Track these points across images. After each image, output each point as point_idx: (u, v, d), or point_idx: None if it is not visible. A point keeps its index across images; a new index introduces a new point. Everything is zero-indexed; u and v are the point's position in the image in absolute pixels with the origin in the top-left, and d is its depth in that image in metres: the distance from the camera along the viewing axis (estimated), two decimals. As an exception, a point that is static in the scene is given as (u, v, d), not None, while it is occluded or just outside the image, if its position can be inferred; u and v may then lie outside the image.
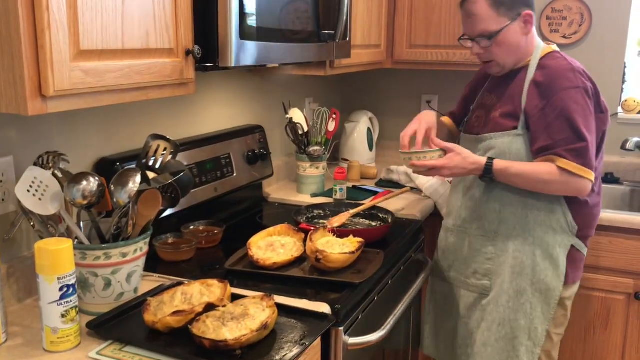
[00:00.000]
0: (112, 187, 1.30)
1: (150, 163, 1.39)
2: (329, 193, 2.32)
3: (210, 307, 1.28)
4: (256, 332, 1.19)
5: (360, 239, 1.68)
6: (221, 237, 1.82)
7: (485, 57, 1.78)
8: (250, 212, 2.18)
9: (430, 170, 1.73)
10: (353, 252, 1.60)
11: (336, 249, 1.62)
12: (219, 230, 1.81)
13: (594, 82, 1.74)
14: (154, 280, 1.51)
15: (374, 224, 1.97)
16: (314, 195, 2.33)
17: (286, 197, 2.33)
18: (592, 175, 1.67)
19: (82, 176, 1.28)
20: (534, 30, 1.78)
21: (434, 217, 2.24)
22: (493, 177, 1.71)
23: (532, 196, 1.74)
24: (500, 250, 1.81)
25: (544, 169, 1.67)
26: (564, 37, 2.71)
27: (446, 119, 2.11)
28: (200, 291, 1.33)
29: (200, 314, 1.25)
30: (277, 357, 1.17)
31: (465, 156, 1.71)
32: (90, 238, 1.34)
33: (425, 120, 1.88)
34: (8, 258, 1.37)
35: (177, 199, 1.41)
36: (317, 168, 2.35)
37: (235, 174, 2.06)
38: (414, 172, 1.79)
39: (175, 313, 1.23)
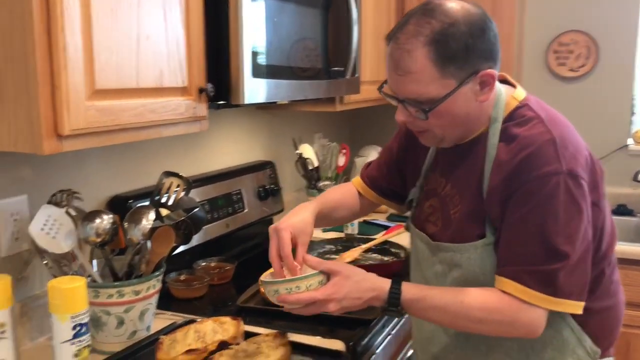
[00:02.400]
0: (126, 225, 1.31)
1: (163, 200, 1.39)
2: (340, 228, 2.31)
3: (223, 345, 1.26)
4: (270, 370, 1.17)
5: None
6: (233, 273, 1.81)
7: (414, 126, 1.19)
8: (262, 248, 2.16)
9: (308, 307, 1.12)
10: (366, 288, 1.58)
11: (349, 284, 1.60)
12: (230, 266, 1.81)
13: (588, 152, 1.16)
14: (167, 318, 1.50)
15: (386, 259, 1.95)
16: (325, 230, 2.32)
17: (297, 233, 2.32)
18: (569, 306, 1.11)
19: (95, 214, 1.29)
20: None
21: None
22: (402, 310, 1.14)
23: None
24: None
25: (477, 301, 1.11)
26: (571, 70, 2.73)
27: (359, 185, 1.51)
28: (213, 329, 1.31)
29: (213, 352, 1.24)
30: (292, 396, 1.15)
31: (357, 280, 1.12)
32: (103, 276, 1.34)
33: (288, 226, 1.20)
34: (21, 297, 1.36)
35: (190, 236, 1.41)
36: (327, 203, 2.34)
37: (246, 210, 2.06)
38: (285, 309, 1.15)
39: (188, 352, 1.22)
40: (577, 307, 1.11)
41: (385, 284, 1.14)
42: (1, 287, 1.17)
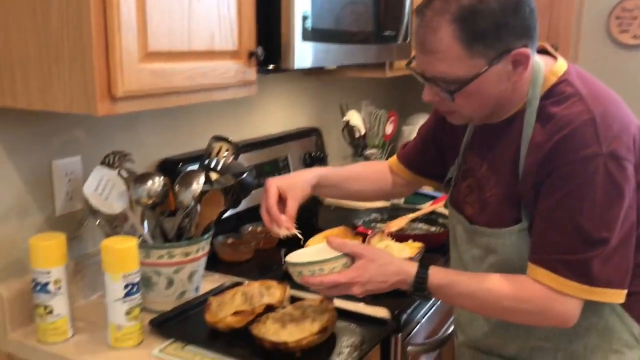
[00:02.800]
0: (177, 188, 1.32)
1: (212, 164, 1.40)
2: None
3: (270, 308, 1.27)
4: (316, 335, 1.18)
5: (419, 244, 1.64)
6: (278, 238, 1.81)
7: (442, 106, 1.14)
8: (306, 215, 2.17)
9: (331, 289, 1.12)
10: (412, 258, 1.57)
11: (395, 253, 1.59)
12: (276, 232, 1.81)
13: (638, 129, 1.08)
14: (214, 280, 1.52)
15: (433, 229, 1.93)
16: (371, 198, 2.31)
17: (342, 201, 2.31)
18: (609, 295, 1.05)
19: (147, 176, 1.31)
20: (533, 59, 1.08)
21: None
22: (429, 294, 1.12)
23: None
24: None
25: (507, 289, 1.08)
26: (634, 37, 2.61)
27: (395, 165, 1.47)
28: (260, 292, 1.33)
29: (260, 314, 1.25)
30: (337, 361, 1.16)
31: (382, 263, 1.11)
32: (153, 237, 1.36)
33: (275, 180, 1.27)
34: (74, 255, 1.41)
35: (239, 200, 1.42)
36: (373, 171, 2.32)
37: (292, 176, 2.06)
38: (311, 289, 1.15)
39: (236, 313, 1.24)
40: (617, 295, 1.05)
41: (411, 267, 1.12)
42: (56, 245, 1.21)
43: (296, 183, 1.27)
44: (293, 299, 1.35)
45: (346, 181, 1.42)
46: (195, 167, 1.45)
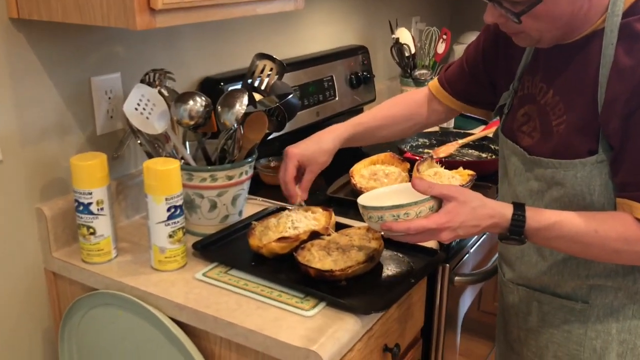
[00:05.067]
0: (219, 108, 1.26)
1: (256, 84, 1.33)
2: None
3: (315, 235, 1.24)
4: (363, 264, 1.14)
5: (470, 172, 1.57)
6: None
7: (507, 27, 1.03)
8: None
9: (417, 235, 1.01)
10: (462, 186, 1.50)
11: (444, 181, 1.53)
12: (320, 155, 1.76)
13: None
14: (257, 204, 1.49)
15: (484, 155, 1.85)
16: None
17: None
18: None
19: (188, 95, 1.25)
20: None
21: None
22: (525, 238, 1.01)
23: None
24: (595, 330, 1.12)
25: (612, 229, 0.98)
26: None
27: (436, 90, 1.37)
28: (305, 218, 1.29)
29: (304, 241, 1.21)
30: (384, 290, 1.12)
31: (475, 206, 1.00)
32: (195, 159, 1.32)
33: (296, 154, 1.25)
34: (116, 175, 1.38)
35: (284, 123, 1.35)
36: (422, 93, 2.22)
37: (337, 98, 1.98)
38: (386, 236, 1.09)
39: (280, 239, 1.20)
40: None
41: (506, 209, 1.00)
42: (98, 165, 1.18)
43: (317, 156, 1.27)
44: (338, 226, 1.31)
45: (374, 131, 1.36)
46: (237, 86, 1.38)
